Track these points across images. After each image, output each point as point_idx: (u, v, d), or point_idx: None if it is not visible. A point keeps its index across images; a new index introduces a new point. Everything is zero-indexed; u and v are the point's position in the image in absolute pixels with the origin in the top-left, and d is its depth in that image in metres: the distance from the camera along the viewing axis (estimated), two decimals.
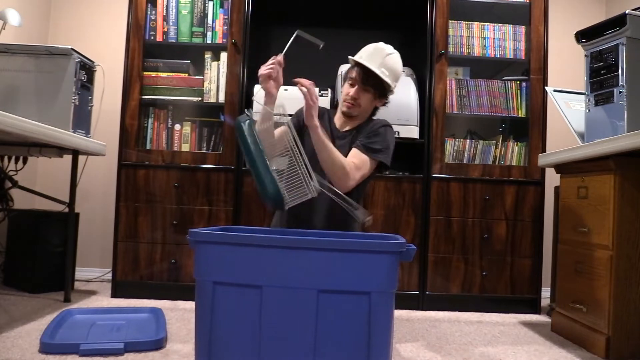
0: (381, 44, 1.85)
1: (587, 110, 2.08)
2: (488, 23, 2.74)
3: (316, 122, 1.59)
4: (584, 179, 2.07)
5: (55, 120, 2.25)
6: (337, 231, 1.55)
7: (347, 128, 1.89)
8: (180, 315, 2.25)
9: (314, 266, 1.06)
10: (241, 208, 2.58)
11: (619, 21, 1.89)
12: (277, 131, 1.63)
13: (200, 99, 2.69)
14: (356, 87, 1.80)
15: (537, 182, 2.65)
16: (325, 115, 1.91)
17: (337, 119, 1.91)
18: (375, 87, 1.80)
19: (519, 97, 2.73)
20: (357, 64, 1.80)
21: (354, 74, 1.80)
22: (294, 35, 1.59)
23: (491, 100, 2.73)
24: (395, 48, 3.10)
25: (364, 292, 1.05)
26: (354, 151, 1.77)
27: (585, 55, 2.08)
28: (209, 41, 2.69)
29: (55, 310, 2.18)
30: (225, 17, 2.68)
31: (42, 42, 3.08)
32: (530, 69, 2.70)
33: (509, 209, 2.63)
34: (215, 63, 2.68)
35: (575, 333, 2.06)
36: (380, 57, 1.81)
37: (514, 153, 2.71)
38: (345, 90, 1.84)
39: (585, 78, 2.07)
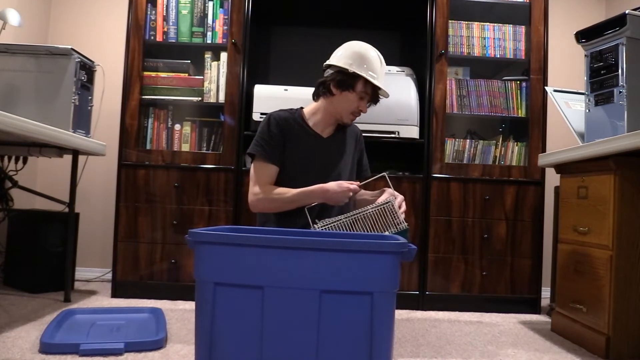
0: (376, 54, 1.84)
1: (587, 110, 2.08)
2: (488, 23, 2.74)
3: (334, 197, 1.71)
4: (584, 179, 2.07)
5: (55, 120, 2.25)
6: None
7: (332, 133, 1.90)
8: (180, 315, 2.25)
9: (316, 266, 1.06)
10: (241, 208, 2.58)
11: (619, 21, 1.89)
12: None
13: (200, 99, 2.69)
14: (366, 102, 1.83)
15: (537, 182, 2.65)
16: (295, 123, 1.83)
17: (317, 125, 1.86)
18: (378, 100, 1.87)
19: (519, 97, 2.73)
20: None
21: (369, 91, 1.80)
22: (381, 175, 1.77)
23: (491, 100, 2.73)
24: (395, 48, 3.15)
25: (366, 292, 1.05)
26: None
27: (585, 55, 2.08)
28: (209, 41, 2.69)
29: (55, 310, 2.18)
30: (225, 17, 2.68)
31: (42, 42, 3.08)
32: (530, 69, 2.70)
33: (509, 209, 2.63)
34: (215, 63, 2.68)
35: (575, 333, 2.06)
36: (384, 73, 1.85)
37: (514, 153, 2.72)
38: (352, 104, 1.80)
39: (585, 78, 2.08)
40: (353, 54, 1.79)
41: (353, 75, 1.76)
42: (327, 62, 1.83)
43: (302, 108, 1.91)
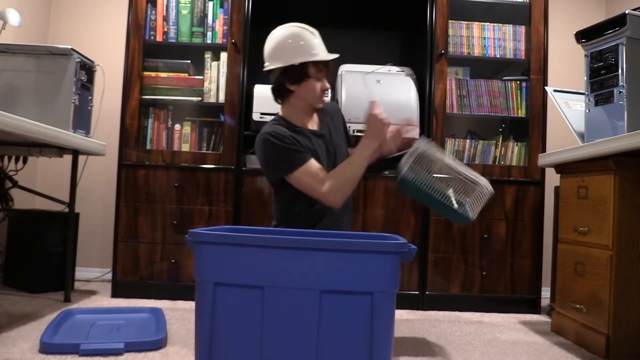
0: (304, 30, 1.78)
1: (587, 110, 2.08)
2: (488, 23, 2.74)
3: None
4: (584, 179, 2.07)
5: (55, 120, 2.25)
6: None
7: (317, 126, 1.86)
8: (180, 315, 2.25)
9: (316, 266, 1.06)
10: (241, 208, 2.58)
11: (619, 21, 1.89)
12: None
13: (200, 99, 2.69)
14: (325, 79, 1.79)
15: (537, 182, 2.65)
16: (287, 127, 1.78)
17: (299, 121, 1.81)
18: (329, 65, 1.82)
19: (519, 97, 2.73)
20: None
21: (322, 67, 1.76)
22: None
23: (491, 100, 2.73)
24: (395, 48, 3.15)
25: (366, 292, 1.05)
26: None
27: (585, 55, 2.08)
28: (209, 41, 2.69)
29: (55, 310, 2.18)
30: (225, 17, 2.69)
31: (42, 42, 3.08)
32: (530, 69, 2.70)
33: (509, 209, 2.63)
34: (215, 63, 2.68)
35: (575, 333, 2.06)
36: (320, 39, 1.80)
37: (514, 153, 2.72)
38: (315, 87, 1.76)
39: (585, 78, 2.08)
40: (285, 48, 1.74)
41: (300, 65, 1.72)
42: (266, 69, 1.79)
43: (278, 114, 1.85)
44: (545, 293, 2.73)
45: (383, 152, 1.77)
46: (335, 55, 1.79)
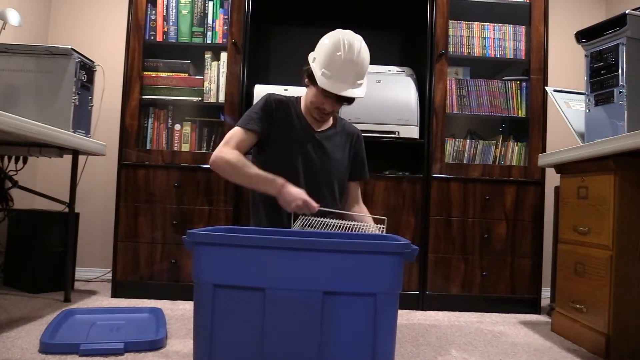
0: (343, 46, 1.66)
1: (587, 110, 2.08)
2: (488, 23, 2.74)
3: None
4: (584, 179, 2.07)
5: (55, 120, 2.25)
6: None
7: (324, 127, 1.87)
8: (180, 315, 2.25)
9: (319, 268, 1.04)
10: (241, 208, 2.58)
11: (619, 21, 1.89)
12: None
13: (200, 99, 2.68)
14: (330, 102, 1.72)
15: (537, 182, 2.65)
16: (292, 109, 1.84)
17: (307, 115, 1.85)
18: (349, 100, 1.74)
19: (519, 97, 2.73)
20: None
21: (328, 93, 1.68)
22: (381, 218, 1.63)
23: (491, 100, 2.73)
24: (395, 48, 3.16)
25: (370, 293, 1.04)
26: (358, 185, 1.97)
27: (585, 55, 2.08)
28: (209, 41, 2.69)
29: (55, 310, 2.18)
30: (225, 17, 2.68)
31: (42, 42, 3.08)
32: (530, 69, 2.70)
33: (509, 209, 2.63)
34: (215, 63, 2.68)
35: (575, 333, 2.06)
36: (352, 70, 1.68)
37: (514, 153, 2.71)
38: (316, 99, 1.73)
39: (585, 78, 2.08)
40: (321, 46, 1.72)
41: (308, 70, 1.74)
42: None
43: (300, 97, 1.90)
44: (545, 293, 2.73)
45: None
46: (336, 91, 1.67)
